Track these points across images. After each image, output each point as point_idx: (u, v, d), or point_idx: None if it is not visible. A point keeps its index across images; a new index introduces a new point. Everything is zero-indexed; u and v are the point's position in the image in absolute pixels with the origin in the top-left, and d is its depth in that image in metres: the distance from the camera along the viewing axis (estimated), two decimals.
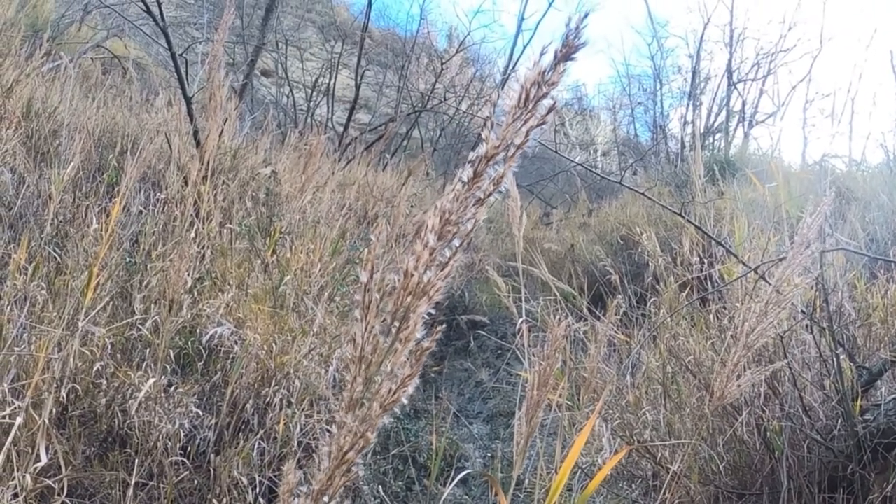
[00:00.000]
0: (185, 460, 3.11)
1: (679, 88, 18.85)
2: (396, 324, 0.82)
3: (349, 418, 0.81)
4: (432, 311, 0.84)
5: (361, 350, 0.82)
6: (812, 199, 2.54)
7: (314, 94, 14.18)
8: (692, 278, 4.75)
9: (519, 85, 0.80)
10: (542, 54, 0.79)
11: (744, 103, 15.61)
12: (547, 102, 0.80)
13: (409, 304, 0.81)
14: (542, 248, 8.99)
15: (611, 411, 3.80)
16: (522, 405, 1.78)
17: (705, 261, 4.82)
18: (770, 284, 2.30)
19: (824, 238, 3.49)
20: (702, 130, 15.17)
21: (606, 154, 21.84)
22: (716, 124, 15.80)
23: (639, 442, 3.34)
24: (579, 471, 3.61)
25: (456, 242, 0.81)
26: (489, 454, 5.13)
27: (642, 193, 3.71)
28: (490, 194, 0.81)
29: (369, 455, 4.28)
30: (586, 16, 0.77)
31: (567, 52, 0.78)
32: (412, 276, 0.80)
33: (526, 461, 2.86)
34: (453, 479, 3.38)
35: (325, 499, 0.83)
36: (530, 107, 0.79)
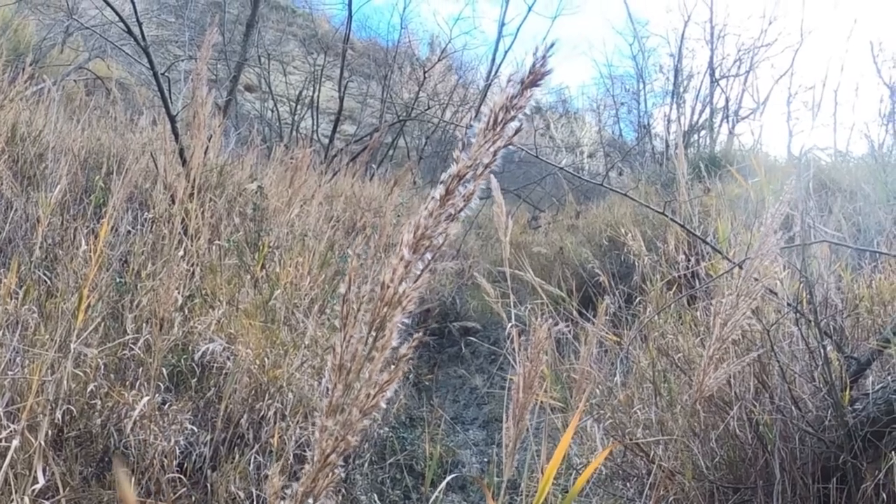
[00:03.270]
0: (182, 477, 3.12)
1: (662, 87, 18.91)
2: (374, 333, 0.84)
3: (330, 423, 0.84)
4: (406, 307, 0.86)
5: (341, 358, 0.85)
6: (785, 188, 2.57)
7: (298, 107, 14.20)
8: (678, 276, 4.78)
9: (488, 109, 0.83)
10: (508, 81, 0.83)
11: (727, 100, 15.66)
12: (514, 125, 0.83)
13: (385, 313, 0.84)
14: (531, 252, 9.01)
15: (602, 411, 3.82)
16: (509, 408, 1.80)
17: (691, 258, 4.85)
18: (748, 276, 2.32)
19: (807, 230, 3.51)
20: (686, 128, 15.22)
21: (593, 155, 21.89)
22: (700, 122, 15.84)
23: (631, 440, 3.36)
24: (574, 472, 3.63)
25: (428, 256, 0.84)
26: (486, 459, 5.14)
27: (624, 194, 3.73)
28: (460, 210, 0.84)
29: (366, 465, 4.30)
30: (552, 46, 0.81)
31: (533, 79, 0.82)
32: (388, 287, 0.83)
33: (523, 464, 2.89)
34: (449, 483, 3.39)
35: (311, 500, 0.85)
36: (498, 129, 0.82)
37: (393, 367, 0.86)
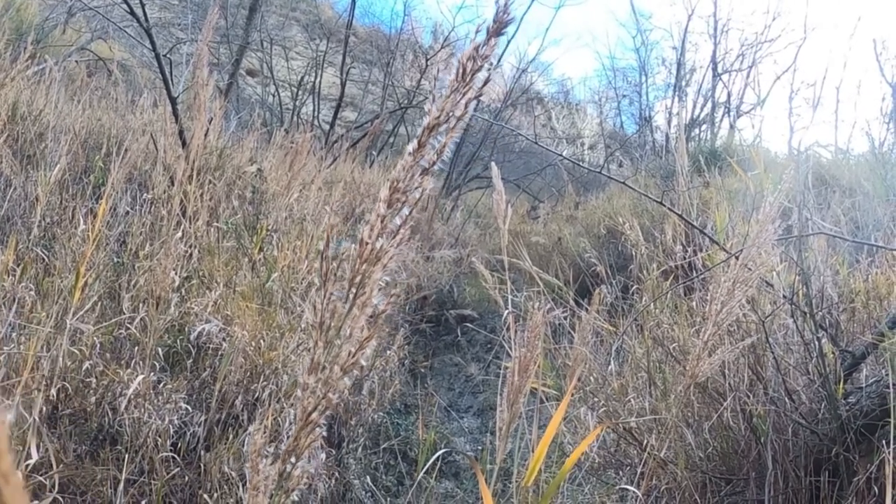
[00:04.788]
0: (176, 456, 3.13)
1: (664, 81, 18.94)
2: (354, 290, 0.85)
3: (311, 380, 0.84)
4: (386, 264, 0.87)
5: (321, 316, 0.85)
6: (783, 179, 2.58)
7: (300, 92, 14.18)
8: (675, 266, 4.79)
9: (456, 60, 0.84)
10: (476, 32, 0.83)
11: (729, 94, 15.68)
12: (483, 75, 0.84)
13: (364, 270, 0.84)
14: (530, 241, 9.02)
15: (596, 399, 3.83)
16: (503, 392, 1.81)
17: (688, 249, 4.85)
18: (742, 264, 2.33)
19: (805, 223, 3.52)
20: (687, 122, 15.22)
21: (593, 147, 21.89)
22: (701, 116, 15.85)
23: (624, 429, 3.37)
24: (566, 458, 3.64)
25: (405, 211, 0.85)
26: (479, 447, 5.15)
27: (623, 182, 3.74)
28: (434, 164, 0.85)
29: (359, 450, 4.31)
30: None
31: (498, 27, 0.83)
32: (367, 244, 0.84)
33: (516, 453, 2.89)
34: (442, 470, 3.38)
35: (293, 459, 0.86)
36: (468, 80, 0.83)
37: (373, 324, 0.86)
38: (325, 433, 0.84)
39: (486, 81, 0.85)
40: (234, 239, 4.71)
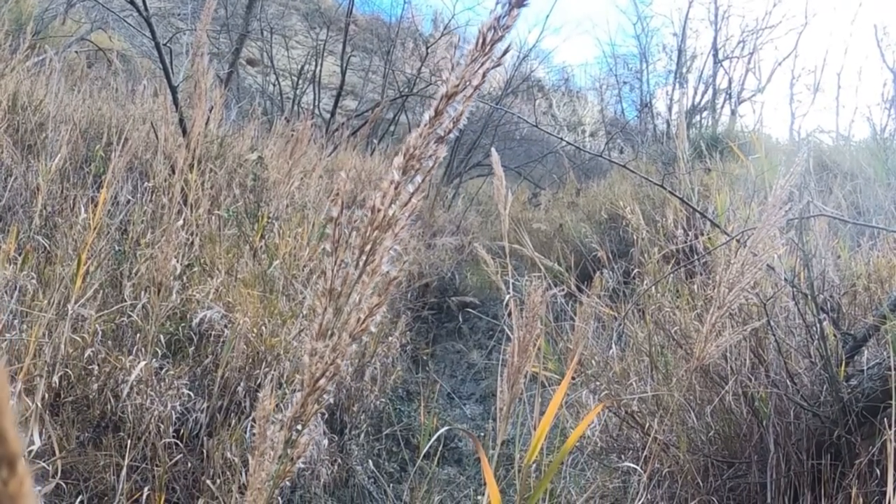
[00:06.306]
0: (178, 443, 3.13)
1: (665, 67, 18.91)
2: (364, 257, 0.85)
3: (320, 346, 0.84)
4: (397, 232, 0.87)
5: (331, 282, 0.85)
6: (786, 162, 2.58)
7: (300, 81, 14.16)
8: (676, 250, 4.79)
9: (477, 30, 0.83)
10: (497, 2, 0.83)
11: (730, 81, 15.65)
12: (502, 46, 0.83)
13: (375, 237, 0.84)
14: (531, 228, 9.02)
15: (598, 383, 3.83)
16: (503, 372, 1.81)
17: (689, 233, 4.85)
18: (747, 248, 2.33)
19: (807, 206, 3.52)
20: (688, 108, 15.19)
21: (594, 135, 21.86)
22: (702, 102, 15.82)
23: (627, 413, 3.37)
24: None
25: (419, 178, 0.85)
26: (482, 433, 5.16)
27: (623, 166, 3.73)
28: (450, 132, 0.84)
29: (362, 436, 4.32)
30: None
31: None
32: (379, 210, 0.84)
33: (518, 439, 2.89)
34: (444, 456, 3.38)
35: (299, 426, 0.86)
36: (487, 49, 0.83)
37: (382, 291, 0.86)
38: (327, 416, 0.84)
39: (507, 51, 0.85)
40: (235, 227, 4.71)
